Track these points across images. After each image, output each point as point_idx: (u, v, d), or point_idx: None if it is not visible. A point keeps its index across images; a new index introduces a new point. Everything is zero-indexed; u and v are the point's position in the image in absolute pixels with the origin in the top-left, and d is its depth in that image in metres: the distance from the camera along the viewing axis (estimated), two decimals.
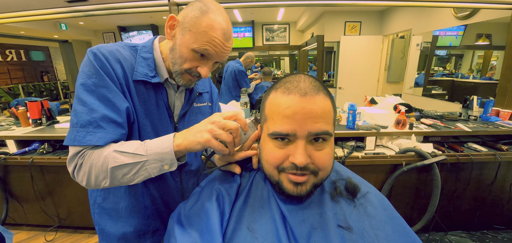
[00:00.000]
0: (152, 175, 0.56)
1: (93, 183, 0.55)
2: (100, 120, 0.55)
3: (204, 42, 0.59)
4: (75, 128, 0.55)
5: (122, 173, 0.54)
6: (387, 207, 0.54)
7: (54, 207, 1.84)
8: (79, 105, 0.56)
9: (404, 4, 2.07)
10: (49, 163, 1.64)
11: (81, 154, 0.55)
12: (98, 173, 0.54)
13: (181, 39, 0.61)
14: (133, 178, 0.55)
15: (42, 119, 1.95)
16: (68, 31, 5.54)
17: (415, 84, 3.85)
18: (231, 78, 3.02)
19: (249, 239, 0.47)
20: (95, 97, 0.56)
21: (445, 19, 3.12)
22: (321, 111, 0.46)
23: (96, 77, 0.57)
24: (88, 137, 0.54)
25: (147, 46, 0.69)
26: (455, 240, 1.67)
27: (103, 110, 0.56)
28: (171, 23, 0.62)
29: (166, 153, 0.54)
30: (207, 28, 0.58)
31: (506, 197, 1.71)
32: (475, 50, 3.37)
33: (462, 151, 1.59)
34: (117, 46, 0.65)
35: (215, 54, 0.62)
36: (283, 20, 5.93)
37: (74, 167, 0.56)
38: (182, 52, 0.62)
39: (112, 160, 0.53)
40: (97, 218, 0.72)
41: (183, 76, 0.66)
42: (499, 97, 2.06)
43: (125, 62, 0.63)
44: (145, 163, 0.54)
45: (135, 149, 0.54)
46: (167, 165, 0.55)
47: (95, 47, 0.60)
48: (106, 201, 0.70)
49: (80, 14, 1.94)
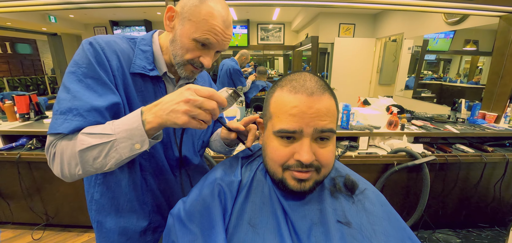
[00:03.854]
0: (123, 156, 0.50)
1: (67, 172, 0.52)
2: (82, 109, 0.51)
3: (205, 31, 0.59)
4: (55, 115, 0.52)
5: (92, 157, 0.50)
6: (384, 203, 0.55)
7: (42, 205, 1.79)
8: (63, 93, 0.53)
9: (397, 8, 2.12)
10: (38, 159, 1.59)
11: (54, 143, 0.52)
12: (69, 160, 0.50)
13: (181, 30, 0.60)
14: (105, 162, 0.50)
15: (30, 114, 1.89)
16: (57, 24, 5.37)
17: (406, 87, 3.95)
18: (226, 77, 3.00)
19: (251, 235, 0.47)
20: (82, 86, 0.53)
21: (436, 24, 3.21)
22: (326, 110, 0.47)
23: (86, 67, 0.54)
24: (65, 124, 0.50)
25: (146, 39, 0.68)
26: (442, 238, 1.73)
27: (88, 99, 0.52)
28: (169, 14, 0.61)
29: (134, 128, 0.49)
30: (207, 16, 0.58)
31: (490, 197, 1.78)
32: (462, 55, 3.49)
33: (450, 152, 1.64)
34: (115, 38, 0.63)
35: (216, 43, 0.61)
36: (278, 20, 5.96)
37: (49, 157, 0.53)
38: (183, 43, 0.61)
39: (79, 142, 0.49)
40: (94, 215, 0.70)
41: (186, 67, 0.65)
42: (485, 101, 2.14)
43: (122, 54, 0.61)
44: (114, 143, 0.49)
45: (102, 129, 0.50)
46: (138, 144, 0.50)
47: (92, 37, 0.58)
48: (103, 197, 0.68)
49: (72, 6, 1.89)
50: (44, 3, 1.84)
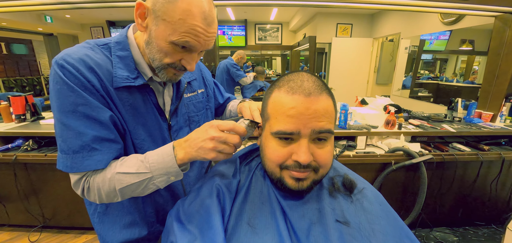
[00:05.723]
0: (160, 187, 0.56)
1: (106, 200, 0.56)
2: (92, 143, 0.52)
3: (183, 33, 0.51)
4: (68, 154, 0.52)
5: (131, 190, 0.55)
6: (382, 202, 0.56)
7: (39, 206, 1.77)
8: (64, 130, 0.51)
9: (393, 8, 2.14)
10: (34, 161, 1.57)
11: (85, 179, 0.54)
12: (107, 193, 0.54)
13: (155, 31, 0.52)
14: (144, 191, 0.56)
15: (26, 115, 1.87)
16: (53, 24, 5.33)
17: (403, 86, 3.98)
18: (224, 73, 2.99)
19: (250, 235, 0.47)
20: (78, 117, 0.51)
21: (432, 24, 3.23)
22: (324, 111, 0.47)
23: (71, 95, 0.50)
24: (86, 162, 0.52)
25: (122, 42, 0.60)
26: (439, 236, 1.74)
27: (91, 131, 0.52)
28: (140, 11, 0.53)
29: (169, 166, 0.54)
30: (184, 15, 0.49)
31: (486, 195, 1.80)
32: (459, 55, 3.52)
33: (447, 151, 1.65)
34: (86, 50, 0.55)
35: (198, 45, 0.53)
36: (276, 20, 5.96)
37: (82, 191, 0.55)
38: (160, 46, 0.53)
39: (118, 182, 0.53)
40: (98, 227, 0.70)
41: (167, 71, 0.58)
42: (481, 100, 2.16)
43: (99, 69, 0.54)
44: (151, 179, 0.54)
45: (137, 168, 0.54)
46: (173, 177, 0.56)
47: (59, 57, 0.51)
48: (109, 209, 0.68)
49: (68, 6, 1.87)
50: (40, 3, 1.82)
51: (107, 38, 0.62)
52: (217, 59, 2.84)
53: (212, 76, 0.94)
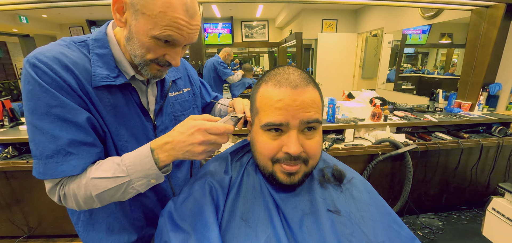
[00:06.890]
0: (141, 190, 0.53)
1: (85, 207, 0.53)
2: (68, 147, 0.49)
3: (165, 27, 0.48)
4: (40, 159, 0.48)
5: (109, 195, 0.51)
6: (370, 191, 0.58)
7: (22, 216, 1.69)
8: (36, 134, 0.48)
9: (375, 3, 2.19)
10: (15, 168, 1.50)
11: (60, 186, 0.51)
12: (85, 200, 0.51)
13: (136, 26, 0.49)
14: (124, 196, 0.53)
15: (3, 121, 1.78)
16: (29, 25, 5.08)
17: (387, 80, 4.10)
18: (211, 71, 2.96)
19: (244, 229, 0.48)
20: (52, 120, 0.48)
21: (413, 18, 3.34)
22: (311, 102, 0.48)
23: (44, 95, 0.47)
24: (61, 167, 0.49)
25: (100, 39, 0.56)
26: (425, 222, 1.82)
27: (67, 134, 0.48)
28: (117, 6, 0.50)
29: (148, 168, 0.50)
30: (164, 7, 0.47)
31: (467, 180, 1.89)
32: (439, 48, 3.67)
33: (430, 140, 1.73)
34: (61, 48, 0.51)
35: (181, 39, 0.51)
36: (262, 17, 5.96)
37: (58, 199, 0.52)
38: (141, 42, 0.51)
39: (94, 188, 0.50)
40: (83, 236, 0.67)
41: (150, 67, 0.56)
42: (460, 91, 2.27)
43: (76, 68, 0.51)
44: (130, 182, 0.50)
45: (114, 172, 0.50)
46: (154, 179, 0.52)
47: (32, 56, 0.48)
48: (93, 217, 0.65)
49: (43, 5, 1.78)
50: (11, 2, 1.72)
51: (84, 35, 0.58)
52: (204, 58, 2.81)
53: (198, 75, 0.93)
